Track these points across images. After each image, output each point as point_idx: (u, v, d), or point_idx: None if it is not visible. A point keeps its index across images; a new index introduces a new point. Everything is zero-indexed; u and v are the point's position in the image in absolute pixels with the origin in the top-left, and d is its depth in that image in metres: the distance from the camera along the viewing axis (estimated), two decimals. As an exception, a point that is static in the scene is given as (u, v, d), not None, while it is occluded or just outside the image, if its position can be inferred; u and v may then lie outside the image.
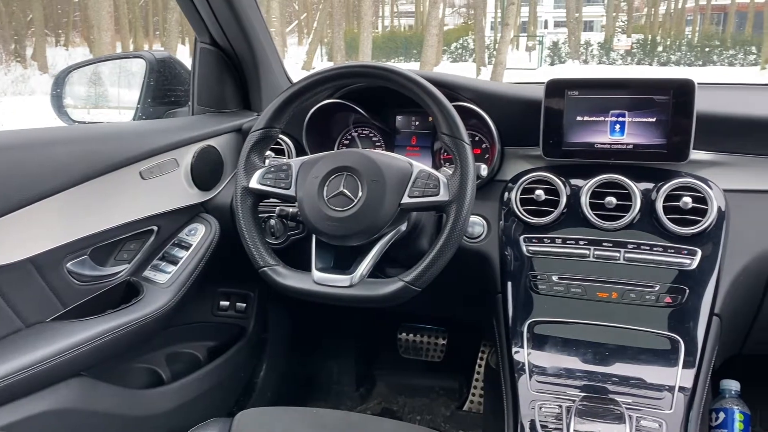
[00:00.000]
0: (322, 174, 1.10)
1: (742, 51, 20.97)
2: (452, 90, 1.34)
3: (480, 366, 1.96)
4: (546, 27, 33.75)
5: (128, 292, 1.36)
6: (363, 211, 1.06)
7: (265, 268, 1.14)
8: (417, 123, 1.49)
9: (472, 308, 1.49)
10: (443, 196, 1.06)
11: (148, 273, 1.40)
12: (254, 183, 1.16)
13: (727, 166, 1.27)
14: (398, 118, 1.50)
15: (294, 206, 1.19)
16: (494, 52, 17.87)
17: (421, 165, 1.10)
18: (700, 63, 20.72)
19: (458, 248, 1.08)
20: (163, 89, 1.65)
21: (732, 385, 1.46)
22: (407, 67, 1.21)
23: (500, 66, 15.17)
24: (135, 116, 1.64)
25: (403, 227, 1.17)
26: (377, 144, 1.50)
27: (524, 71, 17.70)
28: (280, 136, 1.49)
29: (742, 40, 22.09)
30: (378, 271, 1.22)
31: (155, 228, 1.40)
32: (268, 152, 1.41)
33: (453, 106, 1.11)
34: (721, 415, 1.40)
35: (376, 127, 1.50)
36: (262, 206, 1.23)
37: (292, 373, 1.95)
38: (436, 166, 1.45)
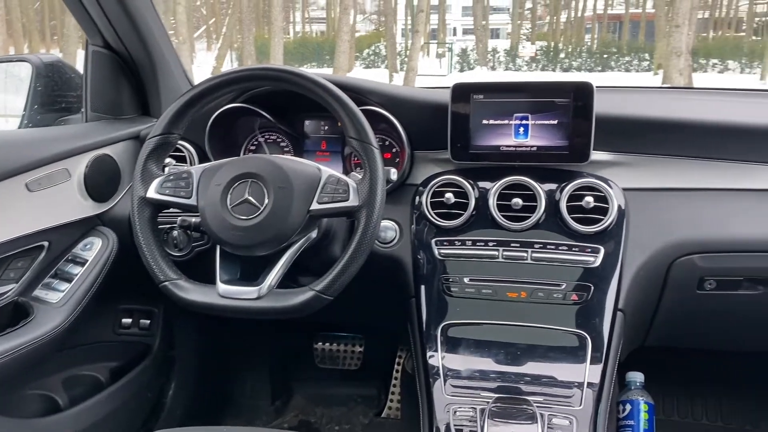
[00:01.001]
0: (226, 181, 1.05)
1: (637, 57, 22.26)
2: (360, 94, 1.33)
3: (398, 372, 1.95)
4: (455, 34, 34.56)
5: (16, 313, 1.26)
6: (269, 219, 1.02)
7: (166, 283, 1.08)
8: (326, 127, 1.46)
9: (388, 314, 1.48)
10: (353, 201, 1.04)
11: (38, 292, 1.30)
12: (152, 192, 1.10)
13: (626, 166, 1.32)
14: (307, 122, 1.47)
15: (197, 216, 1.13)
16: (406, 59, 18.14)
17: (330, 170, 1.08)
18: (600, 69, 21.81)
19: (371, 254, 1.07)
20: (53, 95, 1.55)
21: (637, 377, 1.52)
22: (320, 72, 1.19)
23: (412, 72, 15.41)
24: (21, 124, 1.52)
25: (314, 234, 1.13)
26: (285, 149, 1.47)
27: (435, 77, 18.07)
28: (182, 142, 1.42)
29: (636, 48, 23.47)
30: (290, 281, 1.18)
31: (45, 243, 1.30)
32: (169, 160, 1.34)
33: (361, 110, 1.10)
34: (628, 407, 1.46)
35: (283, 132, 1.46)
36: (164, 217, 1.17)
37: (204, 391, 1.87)
38: (347, 171, 1.43)
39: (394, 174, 1.17)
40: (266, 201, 1.03)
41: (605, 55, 22.90)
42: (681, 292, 1.30)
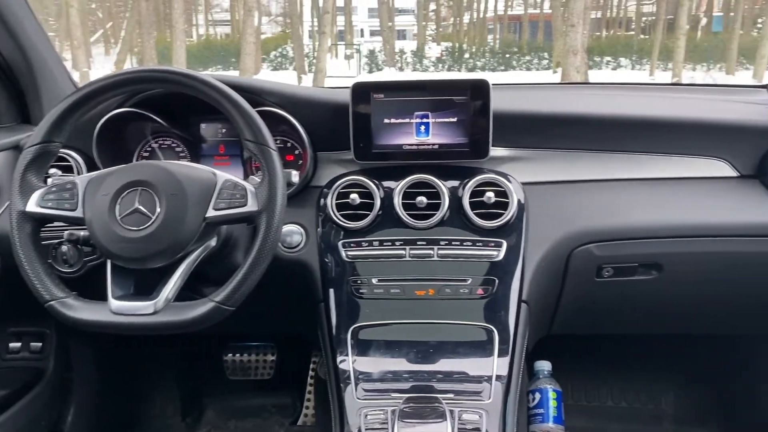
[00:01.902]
0: (113, 190, 0.99)
1: (537, 56, 23.15)
2: (256, 94, 1.29)
3: (312, 378, 1.92)
4: (363, 36, 34.74)
5: None
6: (162, 228, 0.97)
7: (52, 302, 1.00)
8: (224, 131, 1.41)
9: (298, 320, 1.45)
10: (251, 206, 1.00)
11: None
12: (32, 206, 1.01)
13: (525, 161, 1.35)
14: (203, 126, 1.41)
15: (84, 229, 1.06)
16: (314, 60, 18.04)
17: (226, 175, 1.03)
18: (503, 68, 22.54)
19: (277, 259, 1.04)
20: None
21: (544, 366, 1.56)
22: (226, 75, 1.14)
23: (321, 74, 15.34)
24: None
25: (213, 243, 1.09)
26: (181, 155, 1.40)
27: (345, 78, 18.07)
28: (67, 151, 1.33)
29: (536, 47, 24.41)
30: (192, 293, 1.13)
31: None
32: (54, 171, 1.25)
33: (258, 111, 1.06)
34: (537, 396, 1.49)
35: (178, 137, 1.40)
36: (52, 231, 1.08)
37: (107, 414, 1.77)
38: (248, 175, 1.38)
39: (295, 176, 1.14)
40: (158, 210, 0.97)
41: (507, 55, 23.68)
42: (581, 280, 1.34)
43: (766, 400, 1.73)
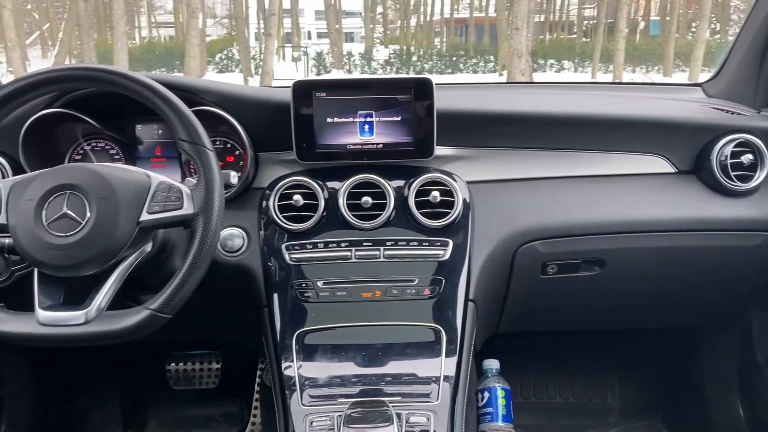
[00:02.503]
0: (39, 195, 0.93)
1: (483, 59, 23.46)
2: (193, 93, 1.25)
3: (259, 386, 1.87)
4: (310, 38, 34.51)
5: None
6: (93, 234, 0.92)
7: None
8: (161, 132, 1.36)
9: (243, 327, 1.41)
10: (187, 209, 0.96)
11: None
12: None
13: (470, 160, 1.35)
14: (138, 127, 1.36)
15: (8, 236, 1.00)
16: (261, 63, 17.84)
17: (161, 176, 0.99)
18: (450, 71, 22.76)
19: (217, 264, 1.01)
20: None
21: (493, 365, 1.56)
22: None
23: (267, 76, 15.16)
24: None
25: (149, 248, 1.04)
26: (116, 157, 1.35)
27: (293, 81, 17.84)
28: None
29: (482, 50, 24.74)
30: (129, 300, 1.08)
31: None
32: None
33: (195, 110, 1.03)
34: (486, 395, 1.49)
35: (112, 139, 1.34)
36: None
37: (43, 431, 1.68)
38: (186, 177, 1.34)
39: (234, 177, 1.11)
40: (88, 214, 0.92)
41: (454, 58, 23.92)
42: (526, 278, 1.35)
43: (707, 390, 1.78)
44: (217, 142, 1.32)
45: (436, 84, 1.26)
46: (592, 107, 1.45)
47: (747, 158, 1.34)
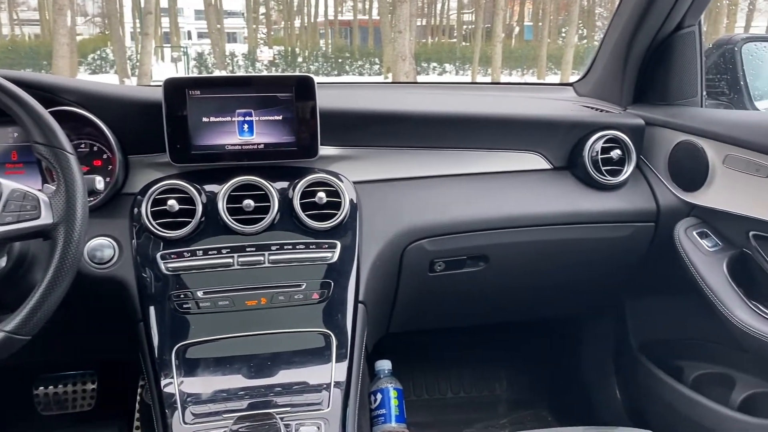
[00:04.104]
0: None
1: (368, 62, 23.72)
2: (51, 93, 1.14)
3: (139, 404, 1.75)
4: (190, 38, 33.35)
5: None
6: None
7: None
8: (16, 135, 1.23)
9: (118, 343, 1.31)
10: (46, 218, 0.87)
11: None
12: None
13: (355, 159, 1.33)
14: None
15: None
16: (137, 63, 17.03)
17: (13, 184, 0.89)
18: (336, 73, 22.82)
19: (85, 277, 0.93)
20: None
21: (384, 365, 1.55)
22: None
23: (145, 77, 14.49)
24: None
25: (2, 262, 0.94)
26: None
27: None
28: None
29: (367, 52, 25.00)
30: None
31: None
32: None
33: (54, 111, 0.94)
34: (379, 396, 1.48)
35: None
36: None
37: None
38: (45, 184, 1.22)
39: (100, 182, 1.02)
40: None
41: (340, 60, 24.01)
42: (415, 276, 1.35)
43: (587, 375, 1.87)
44: (82, 145, 1.21)
45: (319, 83, 1.23)
46: (473, 107, 1.48)
47: (616, 153, 1.41)
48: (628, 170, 1.43)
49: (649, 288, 1.63)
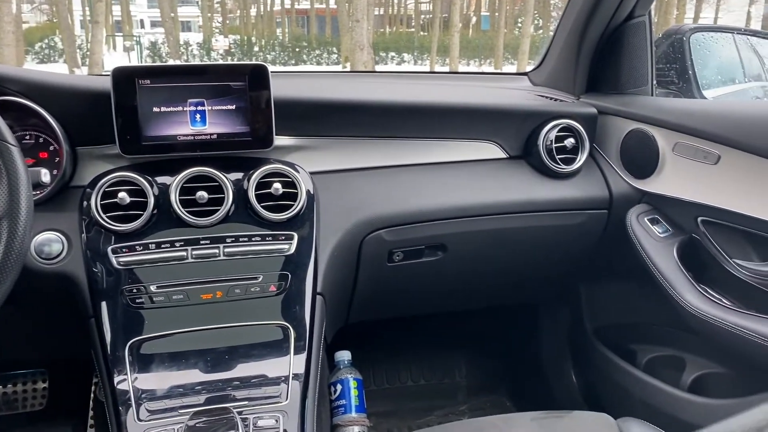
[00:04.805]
0: None
1: (326, 51, 23.56)
2: None
3: (93, 402, 1.71)
4: (143, 27, 32.59)
5: None
6: None
7: None
8: None
9: (69, 340, 1.27)
10: None
11: None
12: None
13: (312, 150, 1.32)
14: None
15: None
16: (88, 53, 16.54)
17: None
18: (293, 62, 22.58)
19: (32, 273, 0.91)
20: None
21: (344, 356, 1.55)
22: None
23: (96, 66, 14.10)
24: None
25: None
26: None
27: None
28: None
29: (324, 42, 24.83)
30: None
31: None
32: None
33: None
34: (338, 387, 1.47)
35: None
36: None
37: None
38: None
39: (45, 175, 0.99)
40: None
41: (297, 49, 23.78)
42: (373, 267, 1.35)
43: (544, 360, 1.91)
44: (27, 137, 1.17)
45: (277, 72, 1.21)
46: (431, 96, 1.48)
47: (570, 142, 1.43)
48: (581, 158, 1.45)
49: (603, 274, 1.66)
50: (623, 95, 1.53)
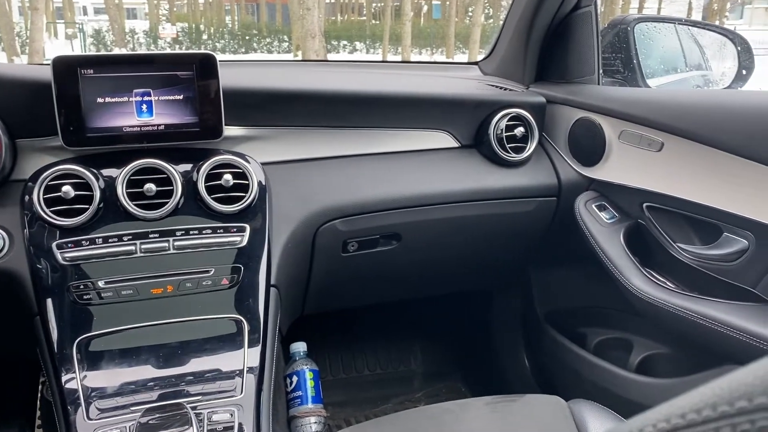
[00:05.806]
0: None
1: (277, 39, 23.23)
2: None
3: (41, 401, 1.66)
4: (86, 14, 31.52)
5: None
6: None
7: None
8: None
9: (13, 339, 1.23)
10: None
11: None
12: None
13: (263, 140, 1.30)
14: None
15: None
16: (27, 41, 15.91)
17: None
18: (243, 50, 22.19)
19: None
20: None
21: (299, 347, 1.54)
22: None
23: (37, 55, 13.57)
24: None
25: None
26: None
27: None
28: None
29: (275, 30, 24.47)
30: None
31: None
32: None
33: None
34: (294, 379, 1.47)
35: None
36: None
37: None
38: None
39: None
40: None
41: (247, 37, 23.38)
42: (328, 257, 1.34)
43: (497, 345, 1.94)
44: None
45: (226, 61, 1.19)
46: (382, 86, 1.47)
47: (519, 131, 1.46)
48: (531, 147, 1.47)
49: (553, 260, 1.70)
50: (571, 84, 1.56)
